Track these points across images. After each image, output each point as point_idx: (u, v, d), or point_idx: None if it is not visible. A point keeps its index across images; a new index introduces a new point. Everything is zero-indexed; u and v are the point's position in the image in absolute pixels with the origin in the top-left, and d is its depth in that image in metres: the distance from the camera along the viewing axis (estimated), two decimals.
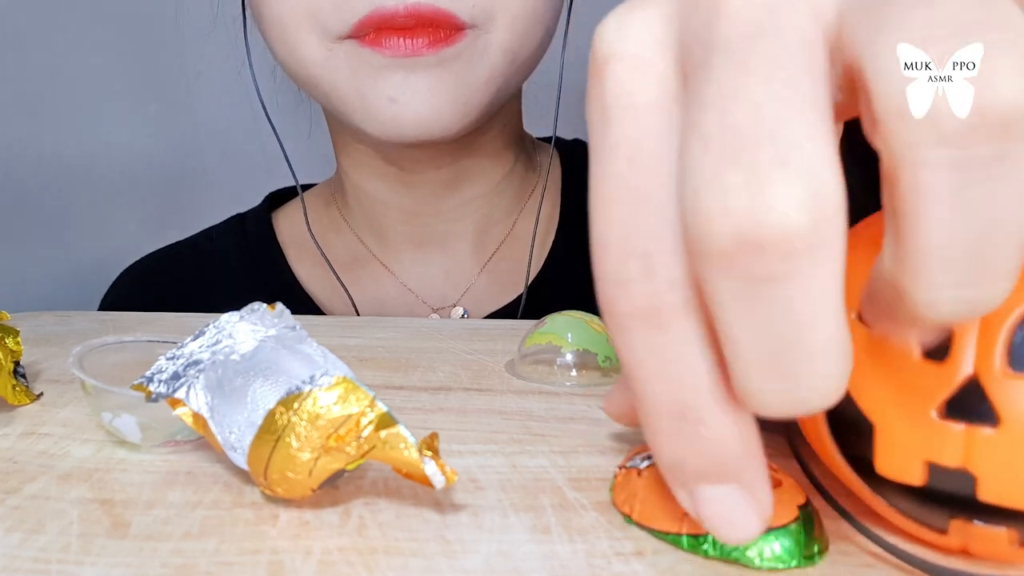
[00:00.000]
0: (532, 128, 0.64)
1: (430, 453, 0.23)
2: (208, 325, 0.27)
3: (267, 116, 0.59)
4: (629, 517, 0.23)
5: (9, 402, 0.32)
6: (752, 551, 0.21)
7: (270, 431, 0.23)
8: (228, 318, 0.27)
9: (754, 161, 0.15)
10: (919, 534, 0.21)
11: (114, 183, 0.99)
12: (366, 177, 0.59)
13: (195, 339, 0.27)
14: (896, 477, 0.20)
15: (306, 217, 0.61)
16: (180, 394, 0.25)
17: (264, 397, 0.26)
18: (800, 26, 0.16)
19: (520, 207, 0.61)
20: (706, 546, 0.21)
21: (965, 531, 0.20)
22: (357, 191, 0.61)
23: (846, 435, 0.21)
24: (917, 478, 0.20)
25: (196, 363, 0.26)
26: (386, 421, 0.23)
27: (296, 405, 0.23)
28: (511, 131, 0.60)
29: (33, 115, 0.97)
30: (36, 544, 0.22)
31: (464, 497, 0.25)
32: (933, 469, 0.19)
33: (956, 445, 0.19)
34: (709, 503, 0.20)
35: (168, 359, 0.27)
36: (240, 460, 0.24)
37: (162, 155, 0.99)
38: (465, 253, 0.60)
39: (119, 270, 0.68)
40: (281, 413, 0.23)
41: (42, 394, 0.34)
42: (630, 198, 0.18)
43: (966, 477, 0.19)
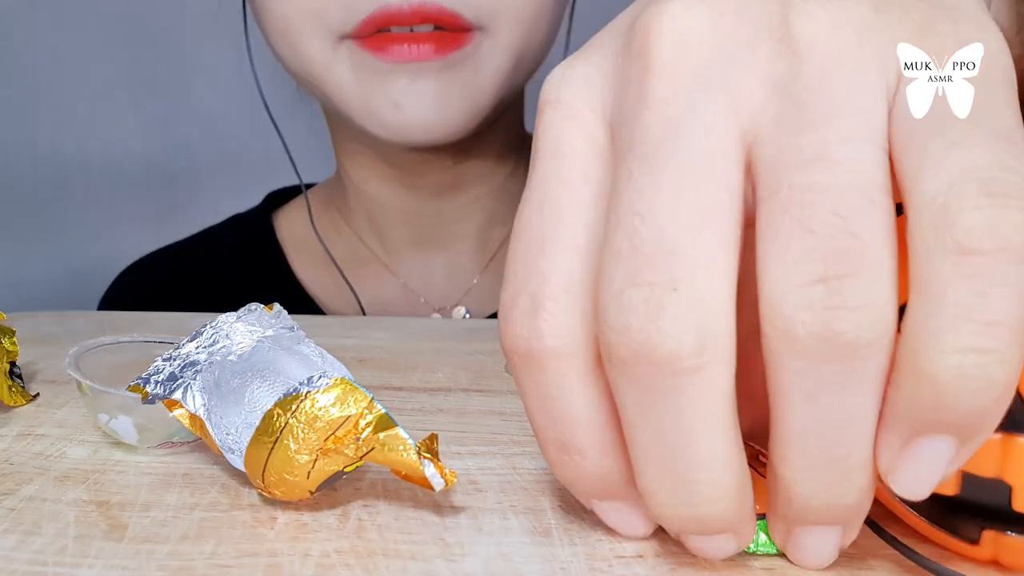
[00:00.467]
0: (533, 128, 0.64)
1: (429, 455, 0.23)
2: (205, 326, 0.27)
3: (269, 114, 0.59)
4: None
5: (5, 403, 0.31)
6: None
7: (268, 433, 0.23)
8: (225, 319, 0.27)
9: (653, 283, 0.17)
10: (948, 544, 0.21)
11: (112, 182, 0.99)
12: (367, 177, 0.59)
13: (192, 340, 0.27)
14: None
15: (311, 215, 0.61)
16: (177, 395, 0.25)
17: (261, 398, 0.25)
18: (718, 130, 0.17)
19: None
20: None
21: (998, 542, 0.20)
22: (358, 191, 0.60)
23: None
24: (950, 488, 0.19)
25: (193, 364, 0.26)
26: (385, 423, 0.23)
27: (294, 407, 0.22)
28: (514, 132, 0.60)
29: (31, 114, 0.97)
30: (32, 546, 0.22)
31: (463, 499, 0.25)
32: (967, 478, 0.19)
33: (992, 454, 0.19)
34: (604, 513, 0.22)
35: (165, 360, 0.26)
36: (238, 462, 0.24)
37: (160, 154, 0.99)
38: (467, 254, 0.60)
39: (117, 270, 0.68)
40: (279, 415, 0.23)
41: (38, 395, 0.33)
42: (534, 239, 0.19)
43: (1001, 487, 0.19)
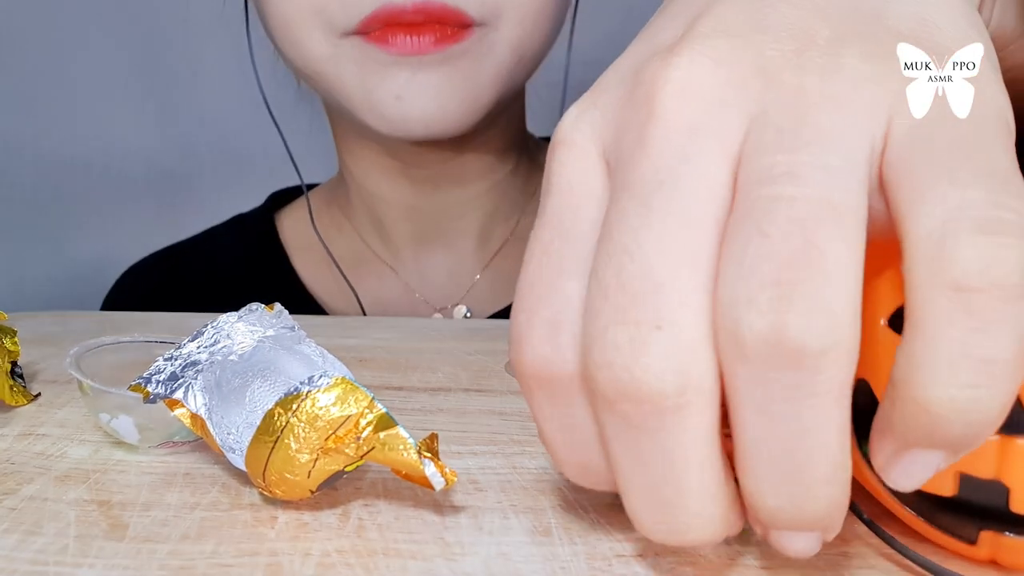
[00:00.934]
0: (535, 128, 0.64)
1: (429, 454, 0.23)
2: (206, 326, 0.27)
3: (270, 114, 0.59)
4: None
5: (6, 403, 0.32)
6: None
7: (268, 432, 0.23)
8: (226, 318, 0.27)
9: (637, 322, 0.17)
10: (946, 544, 0.21)
11: (113, 183, 0.99)
12: (368, 172, 0.59)
13: (193, 340, 0.27)
14: (926, 488, 0.19)
15: (311, 215, 0.61)
16: (178, 395, 0.25)
17: (262, 398, 0.25)
18: (711, 177, 0.18)
19: (523, 207, 0.61)
20: None
21: (995, 542, 0.20)
22: (359, 187, 0.60)
23: None
24: (948, 489, 0.19)
25: (194, 364, 0.26)
26: (385, 422, 0.23)
27: (294, 406, 0.22)
28: (514, 128, 0.60)
29: (32, 114, 0.97)
30: (33, 546, 0.22)
31: (464, 498, 0.25)
32: (964, 480, 0.19)
33: (990, 456, 0.19)
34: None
35: (166, 360, 0.27)
36: (238, 461, 0.24)
37: (161, 154, 0.99)
38: (468, 251, 0.60)
39: (118, 270, 0.68)
40: (279, 414, 0.23)
41: (39, 395, 0.33)
42: (554, 260, 0.19)
43: (999, 488, 0.19)
